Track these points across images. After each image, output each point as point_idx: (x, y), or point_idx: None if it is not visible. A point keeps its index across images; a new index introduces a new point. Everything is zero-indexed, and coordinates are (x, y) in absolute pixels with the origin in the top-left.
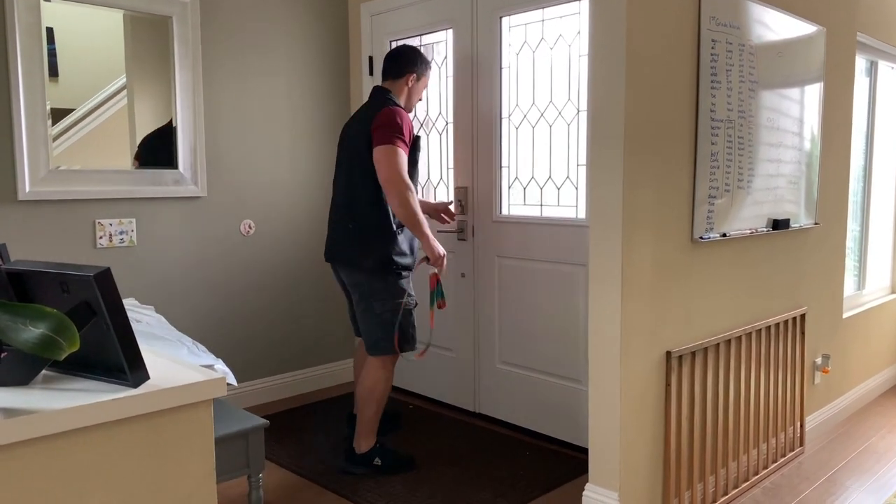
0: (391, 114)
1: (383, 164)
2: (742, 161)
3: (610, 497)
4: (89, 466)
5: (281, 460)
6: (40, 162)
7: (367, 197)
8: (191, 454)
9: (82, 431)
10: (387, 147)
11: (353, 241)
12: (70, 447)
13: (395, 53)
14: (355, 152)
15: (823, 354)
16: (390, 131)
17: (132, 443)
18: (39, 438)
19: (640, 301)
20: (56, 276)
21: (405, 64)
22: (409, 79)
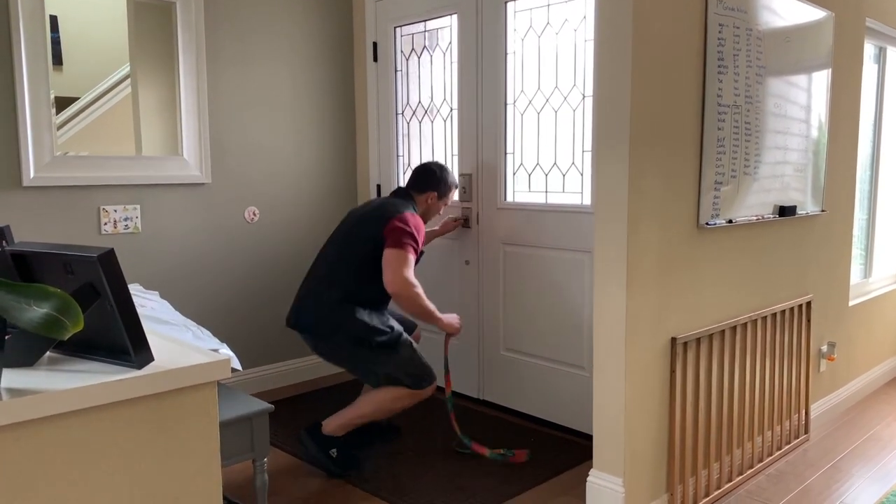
0: (410, 219)
1: (393, 267)
2: (749, 147)
3: (614, 483)
4: (94, 447)
5: (286, 446)
6: (45, 148)
7: (355, 276)
8: (195, 435)
9: (87, 412)
10: (398, 252)
11: (331, 310)
12: (75, 427)
13: (423, 169)
14: (363, 235)
15: (829, 342)
16: (405, 237)
17: (137, 423)
18: (44, 418)
19: (644, 287)
20: (60, 257)
21: (429, 183)
22: (430, 196)
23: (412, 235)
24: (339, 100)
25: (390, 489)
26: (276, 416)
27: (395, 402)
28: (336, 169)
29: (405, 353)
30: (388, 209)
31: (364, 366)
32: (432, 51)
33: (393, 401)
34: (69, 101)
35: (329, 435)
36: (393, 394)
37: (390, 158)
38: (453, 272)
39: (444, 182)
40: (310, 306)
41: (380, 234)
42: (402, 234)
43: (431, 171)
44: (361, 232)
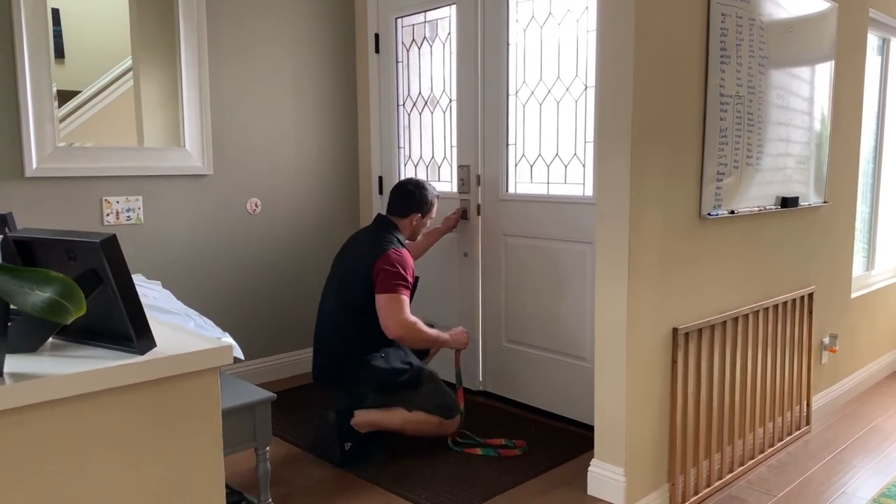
0: (394, 260)
1: (388, 313)
2: (751, 138)
3: (615, 472)
4: (96, 432)
5: (288, 436)
6: (47, 139)
7: (361, 326)
8: (198, 421)
9: (89, 396)
10: (390, 297)
11: (350, 366)
12: (77, 412)
13: (402, 192)
14: (353, 283)
15: (831, 334)
16: (394, 280)
17: (139, 409)
18: (47, 403)
19: (646, 277)
20: (62, 243)
21: (410, 206)
22: (413, 218)
23: (400, 275)
24: (341, 91)
25: (391, 479)
26: (277, 407)
27: (423, 426)
28: (338, 161)
29: (428, 386)
30: (373, 250)
31: (394, 402)
32: (432, 42)
33: (421, 424)
34: (71, 94)
35: (353, 427)
36: (423, 419)
37: (392, 150)
38: (453, 264)
39: (424, 202)
40: (329, 366)
41: (368, 278)
42: (390, 276)
43: (410, 192)
44: (353, 278)
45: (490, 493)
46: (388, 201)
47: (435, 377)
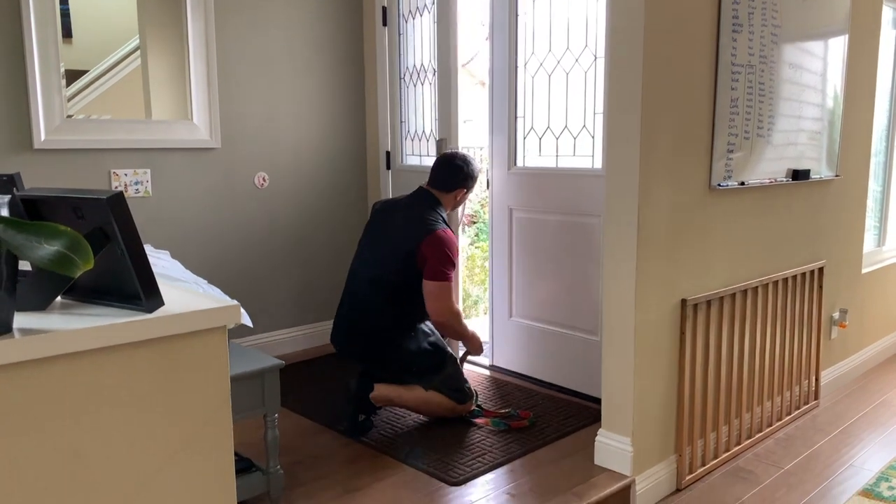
0: (444, 243)
1: (436, 300)
2: (762, 109)
3: (622, 442)
4: (105, 388)
5: (297, 408)
6: (55, 110)
7: (394, 304)
8: (206, 380)
9: (98, 352)
10: (440, 284)
11: (377, 342)
12: (86, 368)
13: (450, 166)
14: (394, 258)
15: (841, 309)
16: (444, 266)
17: (148, 366)
18: (56, 357)
19: (655, 248)
20: (69, 201)
21: (457, 180)
22: (459, 193)
23: (449, 260)
24: (349, 65)
25: (398, 448)
26: (286, 380)
27: (438, 408)
28: (346, 135)
29: (449, 369)
30: (419, 228)
31: (412, 381)
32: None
33: (436, 406)
34: (79, 73)
35: (371, 402)
36: (439, 400)
37: (398, 124)
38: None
39: (471, 177)
40: (357, 337)
41: (413, 257)
42: (440, 261)
43: (458, 167)
44: (395, 256)
45: (497, 461)
46: (433, 174)
47: (455, 362)
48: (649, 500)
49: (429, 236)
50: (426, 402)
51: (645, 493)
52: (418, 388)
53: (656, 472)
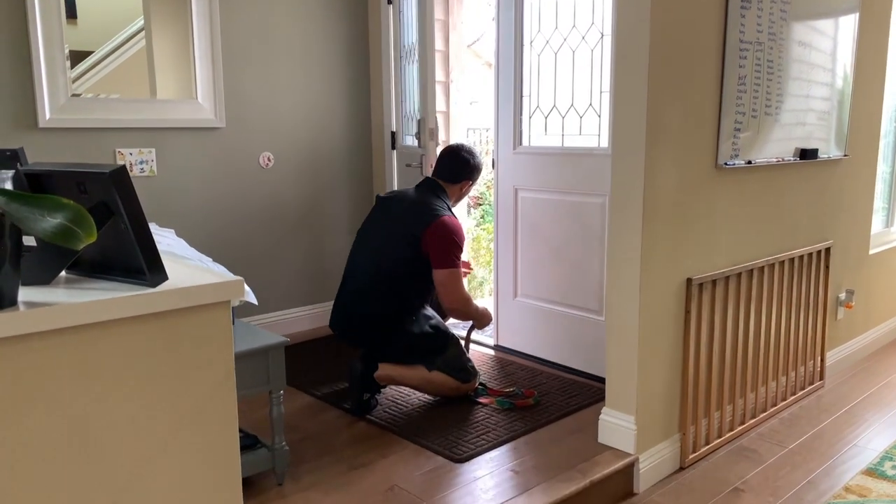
0: (451, 231)
1: (448, 289)
2: (771, 87)
3: (626, 420)
4: (109, 361)
5: (302, 386)
6: (59, 88)
7: (398, 289)
8: (210, 354)
9: (102, 326)
10: (450, 272)
11: (379, 327)
12: (90, 341)
13: (456, 158)
14: (397, 245)
15: (847, 290)
16: (452, 252)
17: (152, 340)
18: (60, 330)
19: (661, 227)
20: (73, 175)
21: (463, 172)
22: (464, 185)
23: (457, 246)
24: (354, 44)
25: (403, 426)
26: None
27: (442, 387)
28: (351, 114)
29: (452, 351)
30: (424, 212)
31: (416, 360)
32: None
33: (440, 386)
34: (84, 55)
35: (374, 381)
36: (443, 380)
37: (401, 104)
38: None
39: (478, 168)
40: (355, 322)
41: (417, 243)
42: (447, 248)
43: (465, 159)
44: (398, 240)
45: (501, 439)
46: (438, 165)
47: (458, 342)
48: (652, 478)
49: (434, 222)
50: (430, 381)
51: (648, 471)
52: (422, 367)
53: (660, 451)
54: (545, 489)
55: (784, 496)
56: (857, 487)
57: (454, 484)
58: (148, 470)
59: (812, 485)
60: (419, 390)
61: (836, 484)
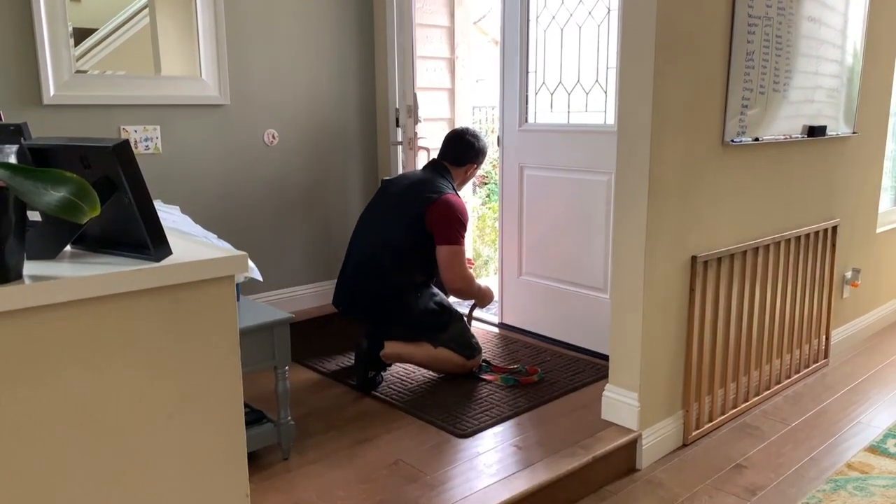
0: (454, 208)
1: (450, 266)
2: (779, 63)
3: (629, 397)
4: (114, 335)
5: (308, 363)
6: (63, 65)
7: (402, 265)
8: (214, 328)
9: (106, 300)
10: (453, 248)
11: (383, 303)
12: (95, 315)
13: (461, 141)
14: (401, 222)
15: (854, 268)
16: (455, 230)
17: (156, 314)
18: (66, 303)
19: (666, 204)
20: (76, 149)
21: (468, 155)
22: (469, 168)
23: (461, 223)
24: (359, 21)
25: (409, 403)
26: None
27: (447, 364)
28: (356, 92)
29: (456, 327)
30: (428, 190)
31: (420, 339)
32: None
33: (445, 362)
34: (88, 32)
35: (381, 359)
36: (448, 357)
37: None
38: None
39: (482, 152)
40: (360, 299)
41: (421, 220)
42: (451, 225)
43: (469, 142)
44: (402, 217)
45: (505, 415)
46: (443, 148)
47: (462, 318)
48: (655, 454)
49: (438, 200)
50: (435, 358)
51: (651, 447)
52: (427, 345)
53: (663, 427)
54: (548, 464)
55: (786, 473)
56: (859, 464)
57: (458, 458)
58: (154, 443)
59: (814, 461)
60: (424, 367)
61: (838, 461)
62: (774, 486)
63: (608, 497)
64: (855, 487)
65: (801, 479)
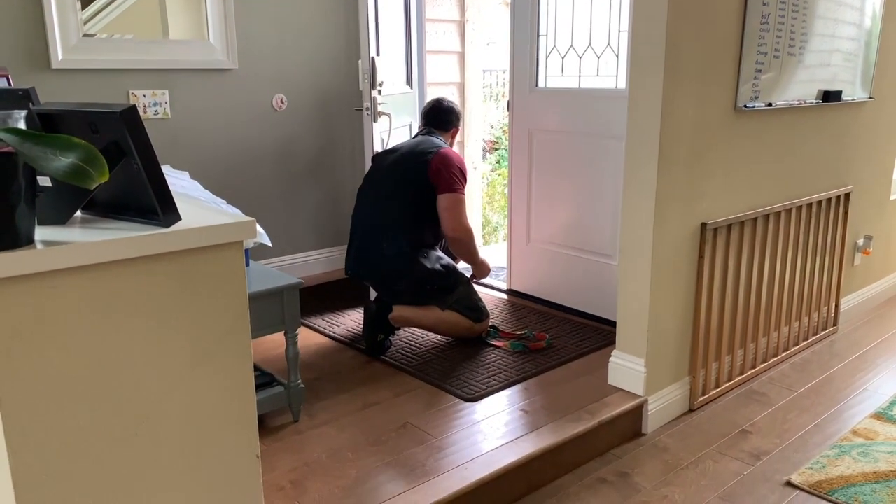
0: (453, 159)
1: (451, 213)
2: (795, 26)
3: (636, 363)
4: (124, 299)
5: (318, 328)
6: (70, 28)
7: (408, 225)
8: (223, 293)
9: (116, 265)
10: (453, 196)
11: (390, 263)
12: (105, 279)
13: (442, 108)
14: (403, 182)
15: (866, 236)
16: (455, 179)
17: (165, 279)
18: (76, 268)
19: (676, 169)
20: (84, 115)
21: (451, 120)
22: (454, 132)
23: (462, 173)
24: None
25: (416, 366)
26: (307, 300)
27: (456, 327)
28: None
29: (463, 289)
30: (426, 147)
31: (428, 303)
32: None
33: (454, 326)
34: None
35: (389, 321)
36: (456, 320)
37: None
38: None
39: (460, 116)
40: (369, 261)
41: (424, 175)
42: (452, 175)
43: (449, 107)
44: (404, 176)
45: (512, 380)
46: (428, 119)
47: (468, 281)
48: (661, 419)
49: (437, 153)
50: (443, 321)
51: (657, 412)
52: (435, 308)
53: (669, 393)
54: (554, 428)
55: (791, 438)
56: (864, 431)
57: (465, 422)
58: (165, 405)
59: (819, 428)
60: (433, 331)
61: (843, 427)
62: (779, 451)
63: (613, 461)
64: (859, 453)
65: (806, 444)
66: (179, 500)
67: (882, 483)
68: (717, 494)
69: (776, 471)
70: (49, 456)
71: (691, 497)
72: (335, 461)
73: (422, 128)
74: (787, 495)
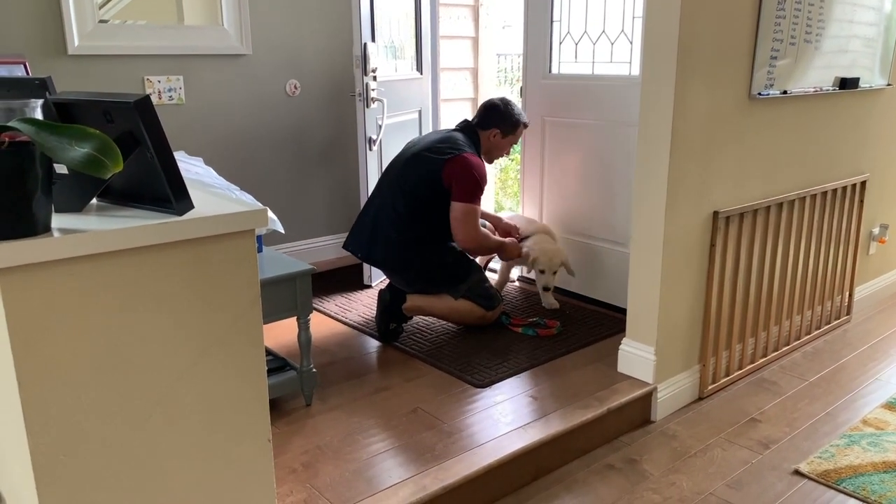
0: (471, 166)
1: (462, 225)
2: (812, 12)
3: (646, 351)
4: (138, 286)
5: (330, 312)
6: (87, 14)
7: (420, 216)
8: (236, 280)
9: (131, 252)
10: (466, 206)
11: (401, 250)
12: (120, 266)
13: (489, 104)
14: (415, 177)
15: (882, 224)
16: (472, 189)
17: (180, 266)
18: (92, 256)
19: (689, 157)
20: (99, 104)
21: (492, 119)
22: (492, 133)
23: (478, 183)
24: None
25: (427, 352)
26: (320, 286)
27: (468, 315)
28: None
29: (475, 277)
30: (448, 146)
31: (440, 291)
32: None
33: (466, 314)
34: None
35: (402, 312)
36: (469, 308)
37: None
38: None
39: (507, 118)
40: (378, 244)
41: (437, 176)
42: (467, 184)
43: (494, 105)
44: (421, 169)
45: (522, 367)
46: (477, 114)
47: (480, 269)
48: (670, 407)
49: (456, 157)
50: (455, 310)
51: (666, 400)
52: (447, 297)
53: (679, 381)
54: (562, 415)
55: (801, 427)
56: (875, 420)
57: (474, 408)
58: (179, 389)
59: (830, 416)
60: (446, 320)
61: (854, 416)
62: (788, 439)
63: (622, 448)
64: (869, 443)
65: (816, 433)
66: (192, 482)
67: (891, 473)
68: (725, 482)
69: (784, 459)
70: (66, 437)
71: (699, 484)
72: (346, 444)
73: (462, 121)
74: (794, 484)
